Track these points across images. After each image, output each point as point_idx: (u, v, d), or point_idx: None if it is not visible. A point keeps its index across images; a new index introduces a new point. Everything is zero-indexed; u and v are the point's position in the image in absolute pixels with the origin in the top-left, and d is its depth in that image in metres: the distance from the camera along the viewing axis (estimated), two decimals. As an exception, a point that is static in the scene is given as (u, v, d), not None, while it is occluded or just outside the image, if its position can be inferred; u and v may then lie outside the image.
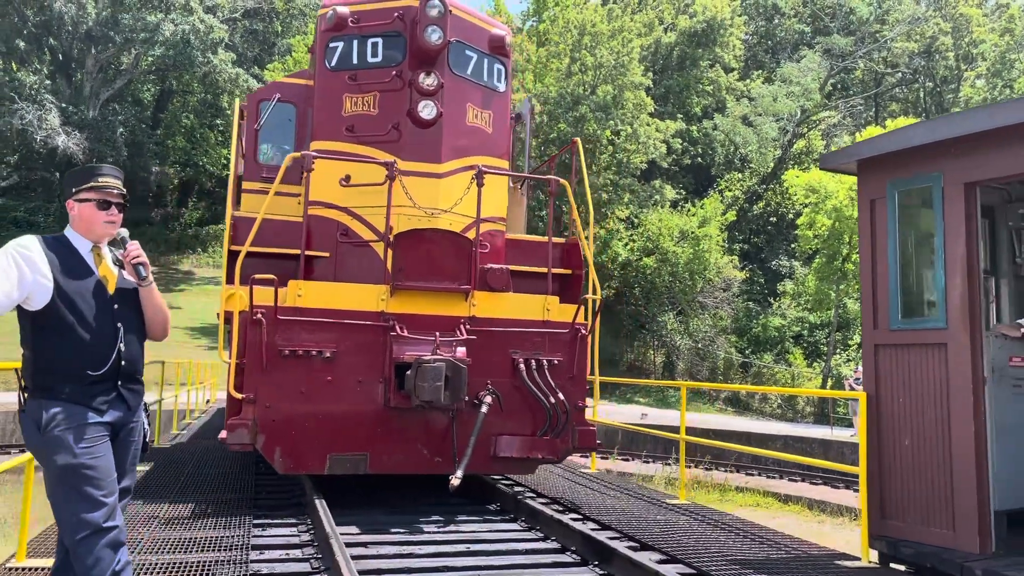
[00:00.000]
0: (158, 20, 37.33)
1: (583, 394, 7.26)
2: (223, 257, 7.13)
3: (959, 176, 5.39)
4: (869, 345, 5.91)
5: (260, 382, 6.50)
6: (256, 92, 9.95)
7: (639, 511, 7.12)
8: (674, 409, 29.25)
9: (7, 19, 37.89)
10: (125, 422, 3.56)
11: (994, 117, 5.20)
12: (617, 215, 35.25)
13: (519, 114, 10.41)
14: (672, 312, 36.29)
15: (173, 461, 9.60)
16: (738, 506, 14.33)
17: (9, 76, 37.30)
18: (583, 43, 34.66)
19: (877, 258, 5.91)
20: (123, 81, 41.88)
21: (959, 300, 5.35)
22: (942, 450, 5.35)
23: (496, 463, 6.96)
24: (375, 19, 7.80)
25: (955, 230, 5.40)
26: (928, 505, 5.42)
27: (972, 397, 5.20)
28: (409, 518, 6.57)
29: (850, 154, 6.26)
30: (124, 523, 3.45)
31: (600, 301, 7.48)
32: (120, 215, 3.58)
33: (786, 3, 48.37)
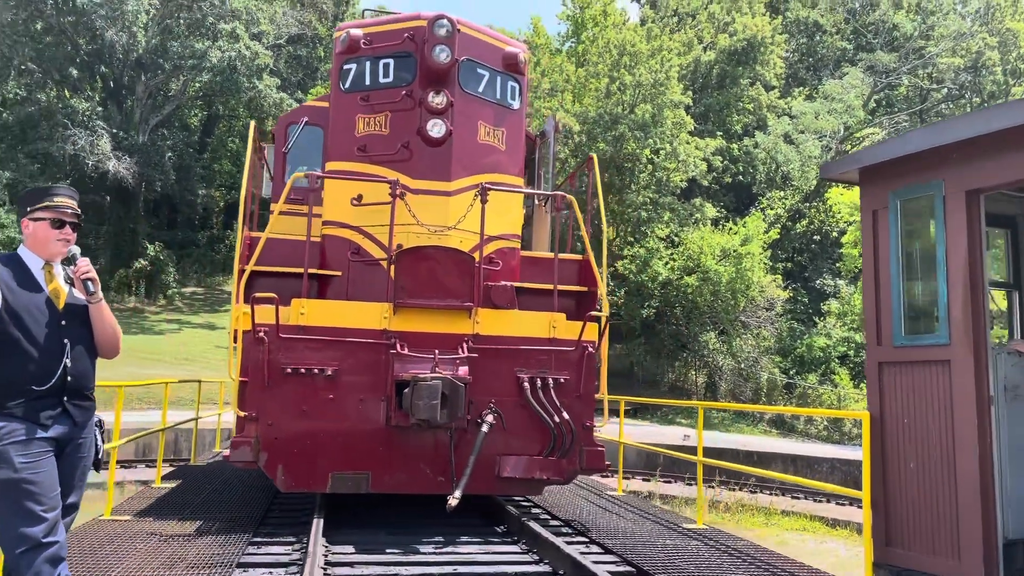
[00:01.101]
0: (205, 47, 38.21)
1: (591, 413, 7.13)
2: (234, 277, 7.22)
3: (961, 183, 5.15)
4: (873, 363, 5.68)
5: (262, 400, 6.56)
6: (285, 116, 10.14)
7: (650, 535, 6.98)
8: (718, 430, 28.83)
9: (61, 48, 39.11)
10: (71, 438, 3.57)
11: (991, 122, 4.95)
12: (657, 234, 35.04)
13: (543, 132, 10.44)
14: (714, 332, 35.85)
15: (200, 479, 9.73)
16: (783, 530, 14.04)
17: (63, 103, 38.43)
18: (622, 63, 34.69)
19: (880, 271, 5.69)
20: (171, 107, 42.90)
21: (961, 314, 5.08)
22: (947, 474, 5.08)
23: (501, 483, 6.85)
24: (387, 40, 7.90)
25: (957, 240, 5.15)
26: (933, 532, 5.14)
27: (977, 418, 4.93)
28: (410, 538, 6.53)
29: (851, 162, 6.02)
30: (65, 538, 3.46)
31: (607, 318, 7.36)
32: (73, 234, 3.65)
33: (827, 20, 47.93)
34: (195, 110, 48.51)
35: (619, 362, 39.10)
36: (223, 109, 46.81)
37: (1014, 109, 4.89)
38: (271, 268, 7.39)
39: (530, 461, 6.82)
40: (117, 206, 40.96)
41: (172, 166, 40.66)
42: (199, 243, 45.71)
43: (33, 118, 37.38)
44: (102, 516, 7.28)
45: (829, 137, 40.71)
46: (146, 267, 39.48)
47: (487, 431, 6.60)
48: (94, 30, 37.50)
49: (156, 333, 34.22)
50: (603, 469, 7.13)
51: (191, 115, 48.64)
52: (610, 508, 8.46)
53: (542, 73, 37.23)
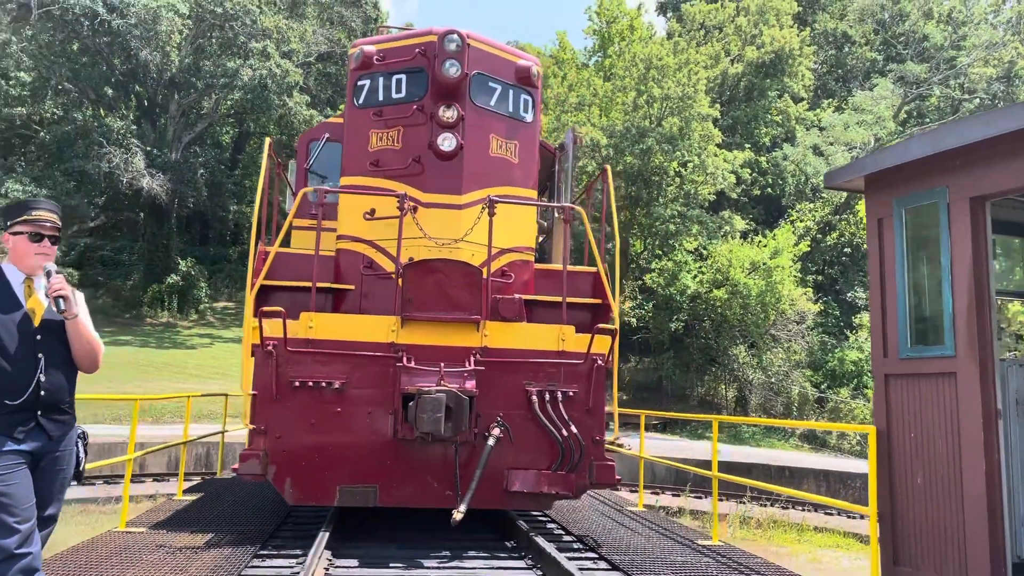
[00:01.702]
0: (237, 66, 38.81)
1: (601, 428, 7.03)
2: (247, 291, 7.29)
3: (965, 190, 4.99)
4: (879, 375, 5.52)
5: (271, 413, 6.60)
6: (306, 132, 10.25)
7: (662, 551, 6.89)
8: (748, 445, 28.53)
9: (96, 68, 39.92)
10: (47, 451, 3.60)
11: (990, 126, 4.77)
12: (685, 247, 34.90)
13: (562, 144, 10.46)
14: (744, 345, 35.55)
15: (222, 492, 9.80)
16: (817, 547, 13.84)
17: (98, 122, 39.19)
18: (649, 76, 34.70)
19: (886, 281, 5.54)
20: (204, 125, 43.59)
21: (967, 325, 4.92)
22: (953, 491, 4.90)
23: (509, 498, 6.79)
24: (399, 56, 7.97)
25: (962, 248, 4.99)
26: (940, 552, 4.96)
27: (983, 433, 4.75)
28: (418, 552, 6.52)
29: (855, 170, 5.86)
30: (40, 549, 3.48)
31: (617, 331, 7.27)
32: (53, 248, 3.71)
33: (856, 31, 47.61)
34: (227, 127, 49.24)
35: (648, 376, 38.86)
36: (254, 126, 47.48)
37: (1015, 112, 4.70)
38: (281, 283, 7.46)
39: (538, 475, 6.77)
40: (151, 222, 41.61)
41: (204, 183, 41.29)
42: (230, 258, 46.26)
43: (70, 137, 38.14)
44: (116, 528, 7.37)
45: (859, 149, 40.36)
46: (178, 282, 40.04)
47: (493, 445, 6.57)
48: (129, 50, 38.25)
49: (188, 347, 34.63)
50: (614, 484, 7.03)
51: (223, 132, 49.37)
52: (627, 524, 8.39)
53: (569, 87, 37.33)
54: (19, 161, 40.91)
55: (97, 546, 6.48)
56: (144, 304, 40.07)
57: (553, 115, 37.72)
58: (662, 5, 51.68)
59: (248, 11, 38.82)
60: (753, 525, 15.54)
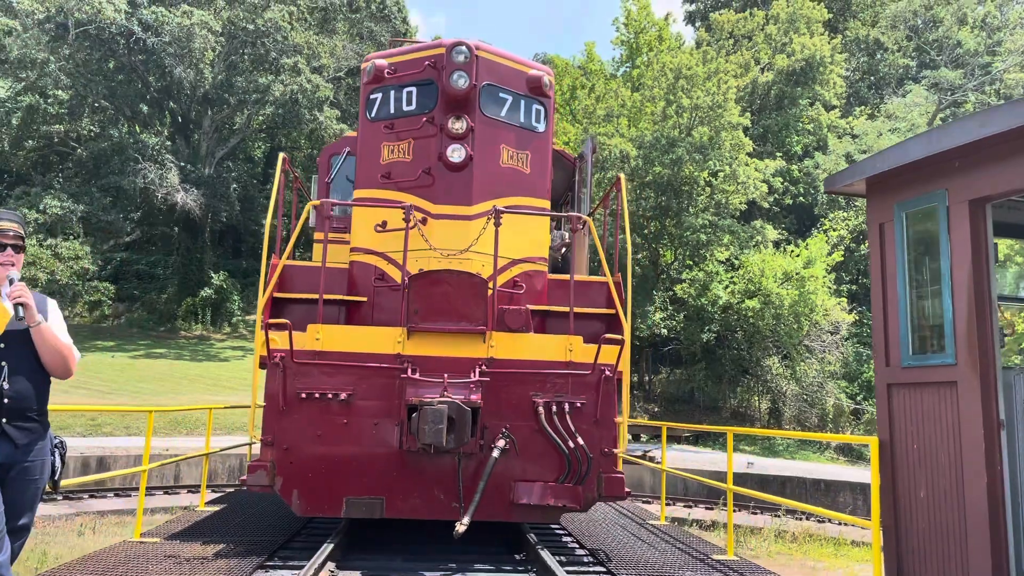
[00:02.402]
0: (268, 82, 39.31)
1: (611, 439, 6.91)
2: (259, 304, 7.34)
3: (964, 192, 4.81)
4: (882, 385, 5.33)
5: (278, 425, 6.62)
6: (328, 147, 10.33)
7: (673, 567, 6.77)
8: (782, 457, 28.14)
9: (132, 86, 40.65)
10: (15, 461, 3.58)
11: (986, 125, 4.57)
12: (717, 257, 34.61)
13: (581, 154, 10.44)
14: (777, 356, 35.13)
15: (244, 503, 9.87)
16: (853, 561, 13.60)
17: (134, 138, 39.88)
18: (678, 86, 34.56)
19: (887, 287, 5.36)
20: (236, 140, 44.17)
21: (967, 332, 4.73)
22: (955, 504, 4.69)
23: (515, 510, 6.72)
24: (410, 69, 8.01)
25: (962, 252, 4.80)
26: (943, 567, 4.75)
27: (984, 443, 4.55)
28: (422, 565, 6.49)
29: (856, 173, 5.65)
30: (7, 557, 3.44)
31: (624, 341, 7.15)
32: (18, 256, 3.72)
33: (889, 38, 47.10)
34: (258, 142, 49.86)
35: (679, 388, 38.52)
36: (285, 141, 48.00)
37: (1011, 110, 4.49)
38: (291, 295, 7.52)
39: (545, 488, 6.70)
40: (185, 236, 42.20)
41: (237, 197, 41.81)
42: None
43: (106, 153, 38.83)
44: (131, 538, 7.43)
45: (893, 156, 39.76)
46: (212, 296, 40.51)
47: (497, 457, 6.53)
48: (163, 68, 38.91)
49: (222, 360, 34.99)
50: (623, 497, 6.92)
51: (255, 147, 49.99)
52: (645, 538, 8.28)
53: (597, 99, 37.29)
54: (57, 178, 41.74)
55: (107, 556, 6.53)
56: (178, 317, 40.59)
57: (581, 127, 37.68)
58: (690, 15, 51.55)
59: (279, 27, 39.33)
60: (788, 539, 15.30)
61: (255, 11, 39.55)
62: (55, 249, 36.71)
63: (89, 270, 38.45)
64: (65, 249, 36.92)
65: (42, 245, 36.44)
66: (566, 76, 44.98)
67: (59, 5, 36.37)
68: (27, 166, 43.05)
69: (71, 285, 38.23)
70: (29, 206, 36.64)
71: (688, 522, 17.39)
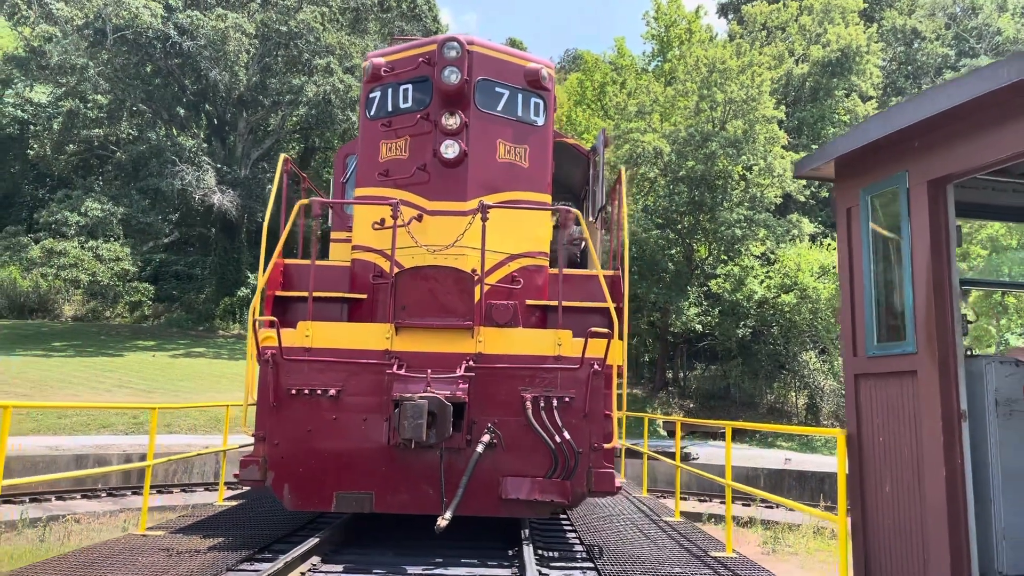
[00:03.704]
0: (302, 83, 39.67)
1: (601, 434, 6.79)
2: (256, 302, 7.36)
3: (924, 173, 4.59)
4: (850, 375, 5.14)
5: (269, 421, 6.70)
6: (344, 147, 10.39)
7: (664, 564, 6.65)
8: (821, 454, 27.81)
9: (169, 89, 41.29)
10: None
11: (937, 101, 4.30)
12: (752, 251, 34.26)
13: (594, 147, 10.41)
14: (814, 351, 34.69)
15: (263, 499, 9.91)
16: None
17: (171, 141, 40.51)
18: (711, 80, 34.25)
19: (855, 276, 5.15)
20: (271, 141, 44.67)
21: (925, 319, 4.52)
22: (917, 499, 4.47)
23: (504, 505, 6.66)
24: (406, 66, 8.05)
25: (921, 236, 4.58)
26: (906, 565, 4.54)
27: (943, 435, 4.33)
28: (410, 559, 6.49)
29: (823, 156, 5.38)
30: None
31: (614, 334, 6.96)
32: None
33: (926, 27, 46.23)
34: (293, 143, 50.33)
35: (715, 384, 38.20)
36: (319, 141, 48.42)
37: (965, 83, 4.19)
38: (287, 293, 7.64)
39: (533, 483, 6.64)
40: (222, 237, 42.78)
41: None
42: (298, 271, 47.13)
43: (144, 156, 39.47)
44: (136, 531, 7.53)
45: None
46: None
47: (482, 452, 6.51)
48: (199, 71, 39.45)
49: (258, 359, 35.34)
50: (613, 492, 6.80)
51: (289, 148, 50.48)
52: (651, 533, 8.18)
53: (628, 94, 37.09)
54: (97, 181, 42.55)
55: (104, 548, 6.64)
56: (216, 317, 41.19)
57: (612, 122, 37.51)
58: (723, 7, 51.05)
59: (312, 29, 39.68)
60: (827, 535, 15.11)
61: (288, 13, 39.95)
62: (96, 251, 37.43)
63: (129, 271, 39.15)
64: (106, 251, 37.63)
65: (84, 247, 37.18)
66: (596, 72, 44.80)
67: (97, 11, 37.04)
68: (68, 170, 43.94)
69: (112, 286, 38.97)
70: (71, 209, 37.39)
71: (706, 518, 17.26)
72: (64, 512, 14.17)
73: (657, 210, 34.92)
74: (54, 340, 36.17)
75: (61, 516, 13.86)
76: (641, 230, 33.89)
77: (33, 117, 44.66)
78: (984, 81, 3.96)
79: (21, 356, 32.05)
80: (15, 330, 37.67)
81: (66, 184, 42.60)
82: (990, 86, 3.89)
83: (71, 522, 13.46)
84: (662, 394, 37.64)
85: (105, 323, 41.95)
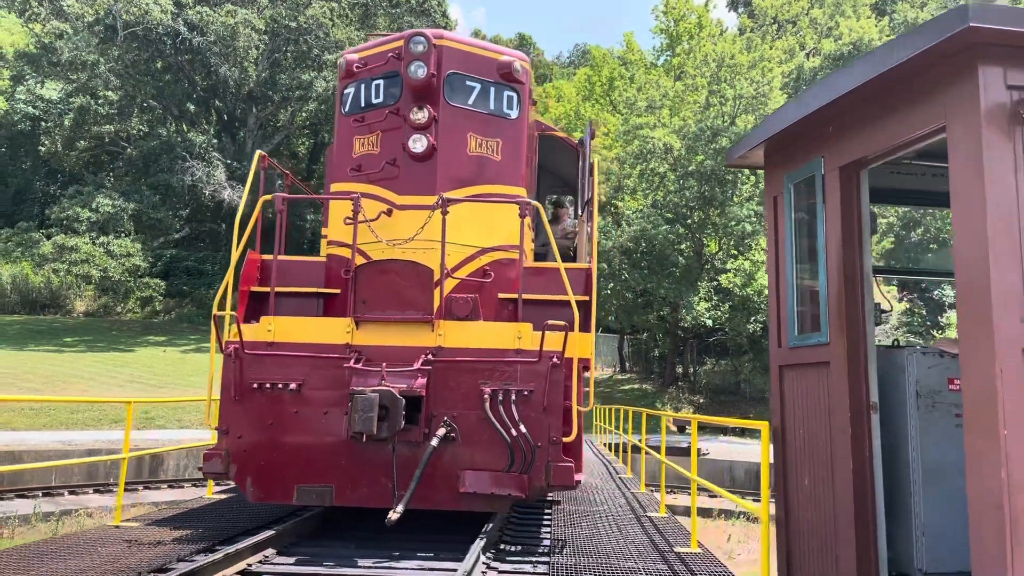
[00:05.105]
0: (311, 78, 39.76)
1: (559, 428, 6.71)
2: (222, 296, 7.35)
3: (837, 158, 4.46)
4: (775, 367, 5.02)
5: (232, 414, 6.77)
6: (332, 146, 10.39)
7: (619, 556, 6.54)
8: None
9: (179, 85, 41.44)
10: None
11: (838, 85, 4.15)
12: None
13: (582, 140, 10.40)
14: (825, 346, 34.53)
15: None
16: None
17: (181, 137, 40.67)
18: (721, 75, 34.10)
19: (780, 265, 5.02)
20: (280, 137, 44.76)
21: (836, 308, 4.40)
22: (829, 492, 4.35)
23: (462, 499, 6.64)
24: (377, 62, 8.07)
25: (834, 224, 4.46)
26: (820, 561, 4.42)
27: (851, 427, 4.22)
28: (366, 552, 6.47)
29: (750, 142, 5.18)
30: None
31: (574, 327, 6.84)
32: None
33: (939, 19, 45.89)
34: (302, 139, 50.46)
35: (725, 379, 38.09)
36: (328, 137, 48.50)
37: (864, 64, 4.02)
38: (259, 288, 7.61)
39: (490, 476, 6.59)
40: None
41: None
42: (308, 266, 47.27)
43: (155, 152, 39.67)
44: (110, 523, 7.56)
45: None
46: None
47: (436, 445, 6.48)
48: (209, 67, 39.58)
49: (269, 354, 35.44)
50: (572, 486, 6.73)
51: (299, 144, 50.60)
52: (626, 527, 8.07)
53: (638, 89, 36.95)
54: (108, 177, 42.74)
55: (70, 538, 6.66)
56: (227, 312, 41.31)
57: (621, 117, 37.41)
58: (733, 1, 50.84)
59: (321, 24, 39.73)
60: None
61: (297, 8, 40.00)
62: (107, 247, 37.62)
63: (140, 267, 39.34)
64: (117, 246, 37.82)
65: (95, 243, 37.37)
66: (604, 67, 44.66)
67: (107, 7, 37.19)
68: (79, 166, 44.18)
69: (123, 281, 39.17)
70: (82, 205, 37.60)
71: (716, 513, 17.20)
72: (76, 506, 14.26)
73: (667, 205, 34.78)
74: (66, 336, 36.39)
75: (73, 510, 13.96)
76: (651, 225, 33.79)
77: (44, 113, 44.94)
78: (874, 65, 3.83)
79: (33, 351, 32.24)
80: (27, 326, 37.91)
81: (77, 180, 42.84)
82: (880, 69, 3.78)
83: (83, 516, 13.56)
84: (672, 389, 37.56)
85: (116, 319, 42.18)
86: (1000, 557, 3.12)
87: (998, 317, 3.20)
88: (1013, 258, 3.26)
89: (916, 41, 3.51)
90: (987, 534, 3.19)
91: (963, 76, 3.43)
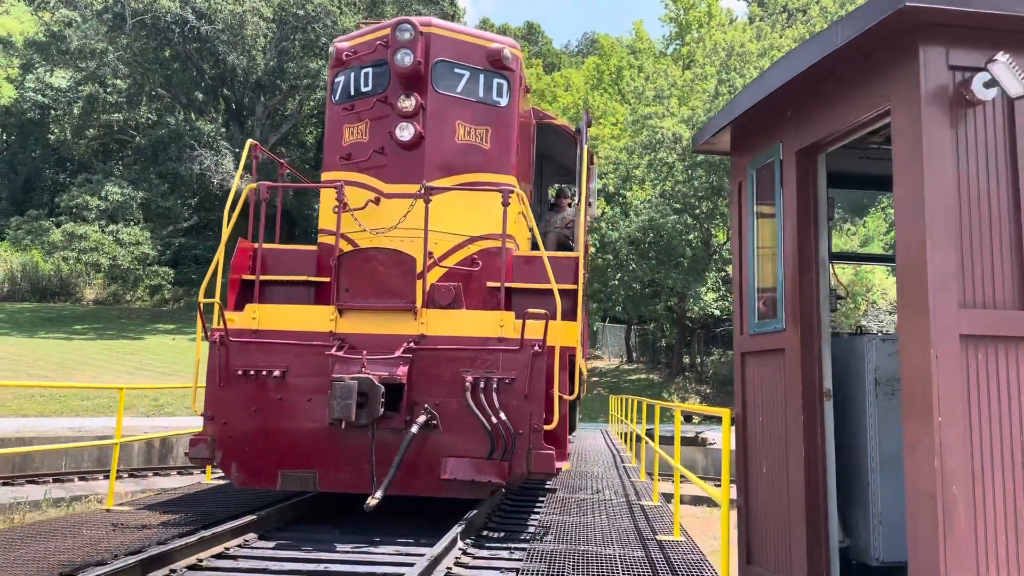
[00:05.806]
0: (319, 66, 39.74)
1: (540, 415, 6.72)
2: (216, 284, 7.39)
3: (793, 143, 4.39)
4: (738, 354, 4.98)
5: (217, 400, 6.84)
6: None
7: (596, 543, 6.56)
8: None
9: (187, 74, 41.49)
10: None
11: (789, 68, 4.05)
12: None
13: (579, 128, 10.43)
14: (832, 337, 34.47)
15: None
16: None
17: (190, 125, 40.74)
18: (731, 64, 33.97)
19: (743, 252, 4.97)
20: (288, 126, 44.80)
21: (790, 294, 4.34)
22: (784, 480, 4.32)
23: (443, 485, 6.68)
24: (366, 50, 8.10)
25: (790, 209, 4.40)
26: (776, 550, 4.39)
27: (802, 415, 4.18)
28: (348, 537, 6.53)
29: (716, 125, 5.07)
30: None
31: (556, 315, 6.83)
32: None
33: (951, 8, 45.55)
34: (310, 128, 50.47)
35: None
36: (336, 126, 48.55)
37: (813, 44, 3.90)
38: (248, 277, 7.69)
39: (471, 463, 6.61)
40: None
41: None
42: (316, 255, 47.39)
43: (163, 141, 39.75)
44: (102, 507, 7.62)
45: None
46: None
47: (416, 432, 6.53)
48: (217, 55, 39.60)
49: (277, 342, 35.56)
50: (553, 473, 6.75)
51: (306, 132, 50.63)
52: (615, 515, 8.05)
53: (646, 78, 36.85)
54: (117, 165, 42.89)
55: (58, 521, 6.74)
56: (235, 301, 41.48)
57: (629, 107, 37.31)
58: (743, -11, 50.53)
59: (328, 12, 39.68)
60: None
61: (305, -3, 39.95)
62: (116, 235, 37.77)
63: (149, 255, 39.50)
64: (126, 235, 37.98)
65: (104, 231, 37.52)
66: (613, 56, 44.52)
67: (116, -4, 37.22)
68: (88, 154, 44.32)
69: (132, 270, 39.35)
70: (91, 193, 37.74)
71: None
72: (87, 492, 14.37)
73: (675, 195, 34.72)
74: (75, 323, 36.59)
75: (84, 496, 14.07)
76: (659, 215, 33.74)
77: (54, 102, 45.09)
78: (823, 45, 3.75)
79: (43, 339, 32.46)
80: (37, 313, 38.14)
81: (86, 168, 43.00)
82: (827, 49, 3.70)
83: (93, 502, 13.68)
84: (679, 379, 37.56)
85: (125, 306, 42.39)
86: (933, 547, 3.08)
87: (934, 302, 3.17)
88: (951, 244, 3.21)
89: (858, 22, 3.43)
90: (922, 524, 3.14)
91: (905, 57, 3.36)
